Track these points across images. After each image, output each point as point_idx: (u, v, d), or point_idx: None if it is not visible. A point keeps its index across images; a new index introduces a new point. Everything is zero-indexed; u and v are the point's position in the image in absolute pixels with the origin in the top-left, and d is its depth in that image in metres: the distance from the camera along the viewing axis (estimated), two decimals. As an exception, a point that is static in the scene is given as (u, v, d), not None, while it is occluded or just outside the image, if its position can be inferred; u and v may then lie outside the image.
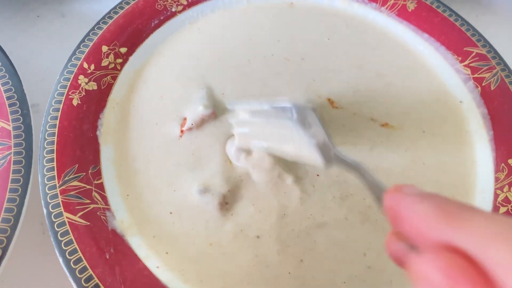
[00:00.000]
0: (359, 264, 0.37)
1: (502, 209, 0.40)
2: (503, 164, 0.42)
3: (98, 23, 0.47)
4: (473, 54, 0.48)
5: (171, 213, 0.39)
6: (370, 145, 0.43)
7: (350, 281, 0.37)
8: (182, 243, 0.38)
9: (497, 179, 0.42)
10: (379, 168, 0.42)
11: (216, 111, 0.44)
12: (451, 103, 0.47)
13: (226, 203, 0.39)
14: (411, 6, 0.52)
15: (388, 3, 0.52)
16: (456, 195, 0.41)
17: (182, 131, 0.42)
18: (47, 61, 0.52)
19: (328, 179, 0.41)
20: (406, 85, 0.48)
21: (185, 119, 0.43)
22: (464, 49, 0.49)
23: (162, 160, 0.42)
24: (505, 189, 0.41)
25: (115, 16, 0.47)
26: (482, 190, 0.42)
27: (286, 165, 0.41)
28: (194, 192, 0.40)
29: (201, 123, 0.43)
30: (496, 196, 0.41)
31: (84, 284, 0.34)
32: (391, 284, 0.37)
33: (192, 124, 0.42)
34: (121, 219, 0.38)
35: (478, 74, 0.47)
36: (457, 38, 0.50)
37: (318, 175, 0.41)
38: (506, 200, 0.40)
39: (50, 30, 0.55)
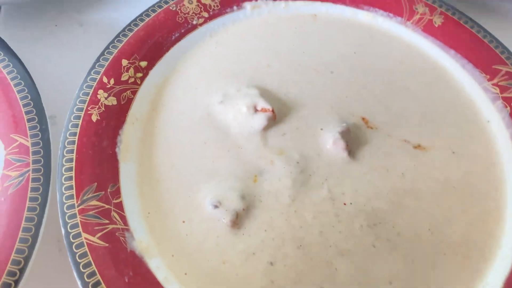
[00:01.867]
0: (385, 292, 0.36)
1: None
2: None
3: (118, 35, 0.46)
4: (502, 72, 0.47)
5: (183, 222, 0.38)
6: (403, 170, 0.42)
7: (376, 311, 0.35)
8: (197, 260, 0.37)
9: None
10: (409, 193, 0.40)
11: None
12: (479, 122, 0.46)
13: (238, 222, 0.38)
14: (437, 21, 0.51)
15: (414, 18, 0.51)
16: (487, 220, 0.40)
17: None
18: (65, 71, 0.51)
19: (355, 207, 0.39)
20: (434, 102, 0.46)
21: None
22: (493, 67, 0.47)
23: (184, 168, 0.41)
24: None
25: (135, 29, 0.46)
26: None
27: (309, 198, 0.40)
28: (207, 204, 0.39)
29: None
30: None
31: (103, 308, 0.33)
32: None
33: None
34: (140, 239, 0.37)
35: (508, 94, 0.46)
36: (486, 55, 0.48)
37: (345, 204, 0.39)
38: (538, 226, 0.39)
39: (68, 39, 0.54)
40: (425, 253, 0.38)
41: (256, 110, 0.43)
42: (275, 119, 0.43)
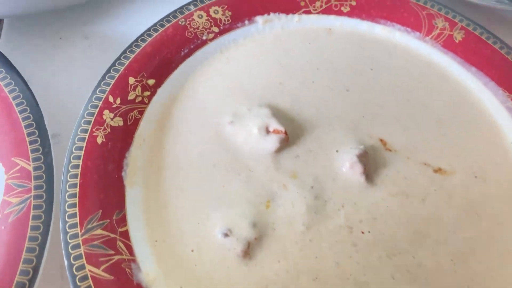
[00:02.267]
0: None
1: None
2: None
3: (124, 52, 0.44)
4: (527, 91, 0.45)
5: (192, 251, 0.36)
6: (423, 195, 0.40)
7: None
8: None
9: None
10: (430, 221, 0.38)
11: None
12: (502, 144, 0.44)
13: (250, 252, 0.36)
14: (458, 37, 0.48)
15: (433, 33, 0.49)
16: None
17: None
18: (70, 85, 0.50)
19: (374, 236, 0.37)
20: (455, 122, 0.44)
21: None
22: (517, 85, 0.45)
23: (193, 193, 0.39)
24: None
25: (143, 45, 0.44)
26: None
27: (325, 226, 0.38)
28: (217, 232, 0.37)
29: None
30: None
31: None
32: None
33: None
34: (147, 271, 0.35)
35: (532, 114, 0.44)
36: (509, 72, 0.46)
37: (363, 232, 0.37)
38: None
39: (73, 52, 0.52)
40: (447, 285, 0.36)
41: (268, 132, 0.41)
42: (288, 141, 0.41)
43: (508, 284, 0.36)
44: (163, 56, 0.45)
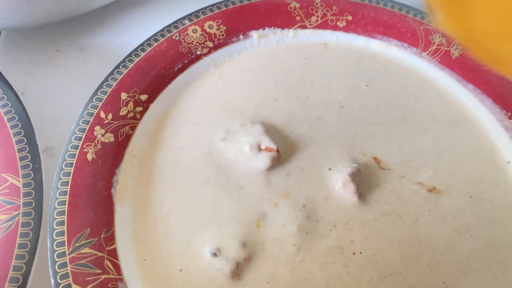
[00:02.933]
0: None
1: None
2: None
3: (117, 67, 0.43)
4: (525, 109, 0.44)
5: (180, 270, 0.36)
6: (416, 215, 0.39)
7: None
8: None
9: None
10: (422, 242, 0.38)
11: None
12: (499, 163, 0.43)
13: (239, 273, 0.36)
14: (455, 53, 0.48)
15: (430, 49, 0.48)
16: (507, 271, 0.37)
17: None
18: (64, 98, 0.50)
19: (365, 257, 0.37)
20: (451, 140, 0.44)
21: None
22: (515, 103, 0.45)
23: (183, 211, 0.39)
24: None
25: (136, 59, 0.44)
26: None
27: (316, 246, 0.37)
28: (206, 251, 0.36)
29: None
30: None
31: None
32: None
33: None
34: (135, 290, 0.35)
35: (530, 132, 0.43)
36: (506, 90, 0.45)
37: (354, 253, 0.37)
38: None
39: (68, 65, 0.52)
40: (439, 308, 0.35)
41: (260, 149, 0.40)
42: (280, 158, 0.41)
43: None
44: (156, 71, 0.44)
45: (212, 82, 0.46)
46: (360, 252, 0.37)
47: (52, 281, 0.33)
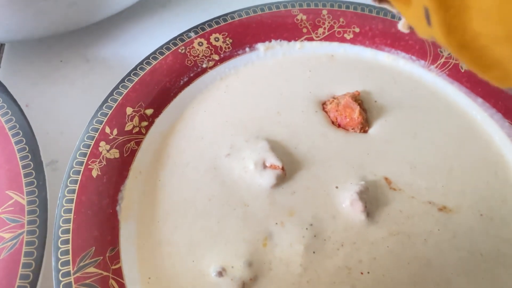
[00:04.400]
0: None
1: None
2: None
3: (122, 80, 0.43)
4: (534, 124, 0.43)
5: None
6: (426, 236, 0.38)
7: None
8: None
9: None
10: (432, 263, 0.37)
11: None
12: (510, 179, 0.42)
13: None
14: (464, 66, 0.47)
15: (439, 62, 0.48)
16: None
17: None
18: (69, 110, 0.49)
19: (373, 278, 0.36)
20: (461, 157, 0.43)
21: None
22: (524, 118, 0.44)
23: (188, 229, 0.38)
24: None
25: (141, 73, 0.44)
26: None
27: (323, 266, 0.36)
28: (212, 271, 0.36)
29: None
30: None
31: None
32: None
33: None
34: (140, 310, 0.34)
35: (540, 148, 0.42)
36: (516, 104, 0.45)
37: (362, 273, 0.36)
38: None
39: (73, 76, 0.52)
40: (449, 330, 0.35)
41: (265, 167, 0.40)
42: (285, 176, 0.40)
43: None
44: (162, 85, 0.44)
45: (217, 95, 0.46)
46: (368, 272, 0.37)
47: (57, 302, 0.33)
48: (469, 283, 0.36)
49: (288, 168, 0.41)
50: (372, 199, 0.40)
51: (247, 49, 0.48)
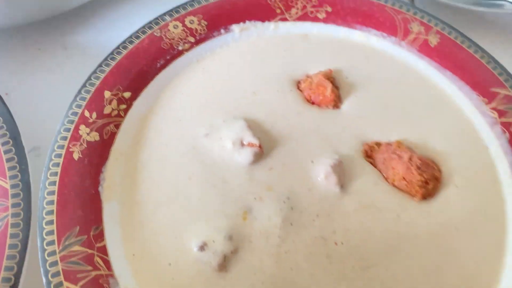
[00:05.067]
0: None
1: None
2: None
3: (100, 65, 0.44)
4: (501, 96, 0.45)
5: (169, 264, 0.37)
6: (400, 211, 0.40)
7: None
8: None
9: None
10: (405, 236, 0.39)
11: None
12: (479, 148, 0.44)
13: (226, 265, 0.37)
14: (433, 41, 0.49)
15: (409, 38, 0.49)
16: (487, 257, 0.39)
17: None
18: (49, 97, 0.50)
19: (347, 248, 0.38)
20: (433, 128, 0.45)
21: None
22: (491, 89, 0.46)
23: (169, 207, 0.40)
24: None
25: (118, 57, 0.45)
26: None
27: (300, 237, 0.38)
28: (193, 246, 0.37)
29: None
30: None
31: None
32: None
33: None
34: (125, 285, 0.36)
35: (506, 118, 0.44)
36: (483, 77, 0.46)
37: (336, 243, 0.38)
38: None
39: (52, 63, 0.53)
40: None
41: (242, 145, 0.41)
42: (262, 153, 0.42)
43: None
44: (139, 68, 0.45)
45: (194, 78, 0.47)
46: (342, 243, 0.38)
47: (44, 279, 0.34)
48: (442, 254, 0.38)
49: (265, 145, 0.42)
50: (346, 172, 0.41)
51: (222, 31, 0.49)
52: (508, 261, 0.38)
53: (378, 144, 0.43)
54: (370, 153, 0.43)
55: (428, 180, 0.40)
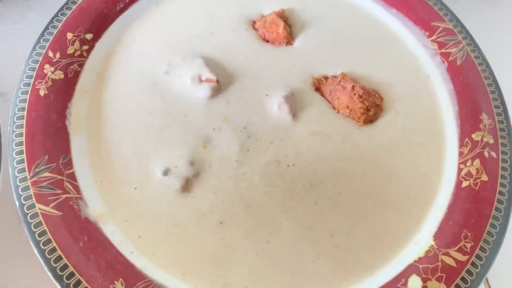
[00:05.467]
0: (326, 244, 0.39)
1: (465, 183, 0.42)
2: (467, 139, 0.44)
3: (61, 8, 0.46)
4: (440, 29, 0.49)
5: (135, 188, 0.40)
6: (345, 135, 0.44)
7: (318, 260, 0.38)
8: (150, 224, 0.39)
9: (461, 154, 0.43)
10: (350, 158, 0.43)
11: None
12: (420, 78, 0.48)
13: (188, 187, 0.40)
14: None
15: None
16: (427, 173, 0.43)
17: None
18: (12, 46, 0.52)
19: (298, 169, 0.42)
20: (379, 61, 0.48)
21: None
22: (432, 24, 0.49)
23: (133, 138, 0.42)
24: (468, 163, 0.42)
25: (79, 1, 0.46)
26: (449, 165, 0.43)
27: (256, 161, 0.42)
28: (157, 172, 0.41)
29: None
30: (459, 170, 0.42)
31: (60, 273, 0.35)
32: (360, 261, 0.38)
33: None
34: (94, 207, 0.39)
35: (445, 49, 0.48)
36: (424, 12, 0.50)
37: (288, 165, 0.41)
38: (469, 174, 0.42)
39: (13, 14, 0.54)
40: (365, 208, 0.41)
41: (201, 81, 0.44)
42: (220, 88, 0.44)
43: (419, 201, 0.41)
44: (99, 11, 0.47)
45: (153, 20, 0.49)
46: (293, 165, 0.42)
47: (17, 202, 0.37)
48: (385, 172, 0.42)
49: (222, 81, 0.45)
50: (298, 103, 0.45)
51: (180, -28, 0.51)
52: (445, 177, 0.43)
53: (326, 78, 0.46)
54: (318, 86, 0.46)
55: (369, 107, 0.44)
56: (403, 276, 0.38)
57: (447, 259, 0.38)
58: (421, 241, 0.39)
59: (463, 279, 0.37)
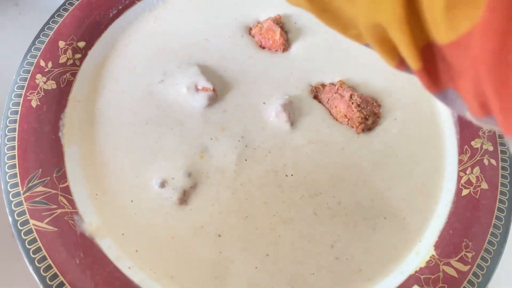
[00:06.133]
0: (326, 255, 0.38)
1: (465, 191, 0.41)
2: (466, 146, 0.43)
3: (53, 16, 0.44)
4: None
5: (132, 201, 0.39)
6: (344, 144, 0.43)
7: (319, 272, 0.38)
8: (147, 237, 0.38)
9: (460, 161, 0.43)
10: (349, 166, 0.42)
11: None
12: (419, 85, 0.46)
13: (186, 199, 0.40)
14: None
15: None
16: (427, 181, 0.42)
17: None
18: (3, 55, 0.50)
19: (296, 179, 0.41)
20: (376, 67, 0.47)
21: None
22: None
23: (129, 149, 0.42)
24: (467, 171, 0.42)
25: (71, 8, 0.45)
26: (449, 173, 0.43)
27: (254, 171, 0.41)
28: (154, 184, 0.40)
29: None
30: (459, 178, 0.42)
31: (55, 291, 0.34)
32: (361, 273, 0.38)
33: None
34: (90, 221, 0.38)
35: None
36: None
37: (286, 175, 0.41)
38: (469, 182, 0.42)
39: (4, 20, 0.52)
40: (365, 218, 0.40)
41: (197, 89, 0.43)
42: (216, 97, 0.44)
43: (420, 210, 0.41)
44: (91, 18, 0.46)
45: (147, 27, 0.48)
46: (292, 175, 0.41)
47: (10, 218, 0.36)
48: (385, 181, 0.42)
49: (218, 89, 0.44)
50: (295, 110, 0.44)
51: (173, -21, 0.50)
52: (445, 185, 0.42)
53: (323, 85, 0.46)
54: (316, 94, 0.45)
55: (367, 116, 0.43)
56: (405, 286, 0.37)
57: (448, 269, 0.38)
58: (421, 251, 0.39)
59: (464, 289, 0.36)
